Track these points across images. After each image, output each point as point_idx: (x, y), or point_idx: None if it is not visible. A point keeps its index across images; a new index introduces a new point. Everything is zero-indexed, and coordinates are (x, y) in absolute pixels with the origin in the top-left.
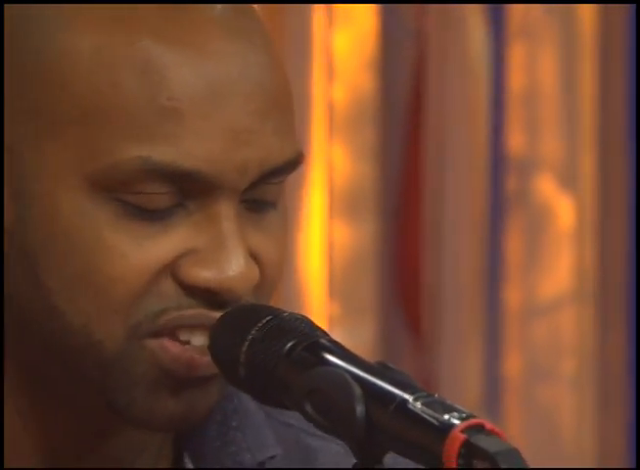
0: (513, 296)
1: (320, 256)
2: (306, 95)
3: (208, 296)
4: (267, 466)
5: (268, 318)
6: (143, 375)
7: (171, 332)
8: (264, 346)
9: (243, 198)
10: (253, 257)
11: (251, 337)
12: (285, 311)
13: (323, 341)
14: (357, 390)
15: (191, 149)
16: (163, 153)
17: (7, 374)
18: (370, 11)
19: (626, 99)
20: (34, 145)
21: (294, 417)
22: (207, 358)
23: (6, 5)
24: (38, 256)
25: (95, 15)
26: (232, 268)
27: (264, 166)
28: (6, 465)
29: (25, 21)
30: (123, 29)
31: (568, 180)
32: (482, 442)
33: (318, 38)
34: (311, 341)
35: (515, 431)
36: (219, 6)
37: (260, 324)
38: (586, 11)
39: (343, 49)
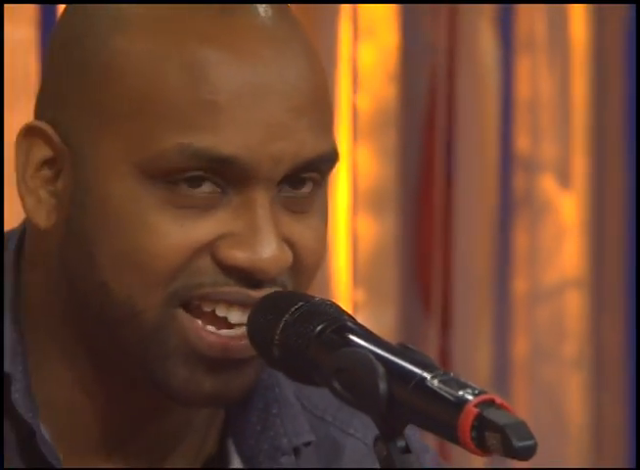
0: (519, 284)
1: (346, 247)
2: (334, 103)
3: (243, 275)
4: (302, 452)
5: (300, 304)
6: (176, 348)
7: (208, 303)
8: (297, 328)
9: (281, 188)
10: (289, 243)
11: (284, 320)
12: (315, 297)
13: (350, 324)
14: (380, 368)
15: (229, 137)
16: (203, 140)
17: (67, 346)
18: (392, 27)
19: (620, 105)
20: (91, 138)
21: (327, 413)
22: (242, 342)
23: (69, 7)
24: (93, 237)
25: (148, 19)
26: (265, 251)
27: (298, 159)
28: (66, 434)
29: (86, 23)
30: (172, 33)
31: (567, 180)
32: (493, 415)
33: (345, 52)
34: (339, 324)
35: (521, 406)
36: (262, 13)
37: (293, 309)
38: (581, 27)
39: (367, 61)
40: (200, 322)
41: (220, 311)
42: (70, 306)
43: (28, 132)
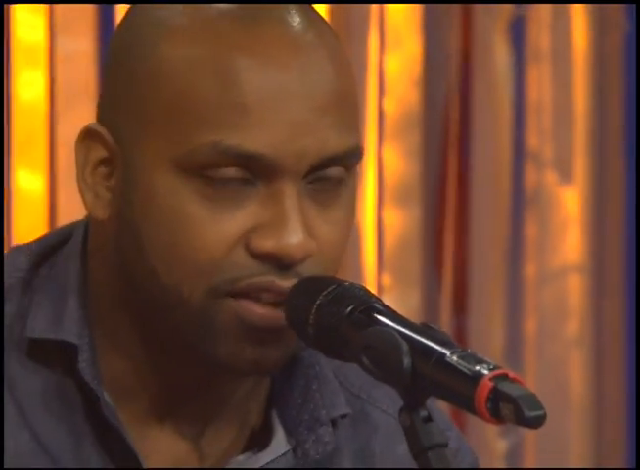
0: (528, 269)
1: (373, 237)
2: (361, 107)
3: (273, 261)
4: (338, 424)
5: (332, 287)
6: (223, 328)
7: (247, 293)
8: (329, 309)
9: (308, 182)
10: (313, 235)
11: (318, 302)
12: (346, 281)
13: (377, 305)
14: (405, 345)
15: (255, 135)
16: (233, 137)
17: (123, 324)
18: (415, 38)
19: (617, 108)
20: (137, 138)
21: (362, 390)
22: (278, 312)
23: (123, 19)
24: (141, 228)
25: (188, 28)
26: (292, 238)
27: (321, 154)
28: (125, 400)
29: (135, 33)
30: (208, 42)
31: (570, 176)
32: (507, 387)
33: (373, 60)
34: (367, 305)
35: (530, 379)
36: (291, 22)
37: (326, 292)
38: (583, 39)
39: (393, 69)
40: (244, 301)
41: (254, 295)
42: (125, 290)
43: (87, 135)
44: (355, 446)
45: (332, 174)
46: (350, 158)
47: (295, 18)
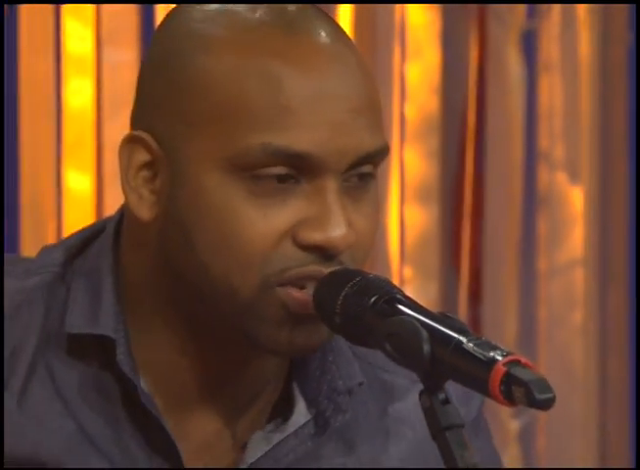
0: (539, 262)
1: (396, 232)
2: (385, 112)
3: (319, 252)
4: (355, 392)
5: (358, 279)
6: (270, 316)
7: (294, 282)
8: (355, 300)
9: (344, 179)
10: (350, 226)
11: (344, 293)
12: (370, 274)
13: (399, 296)
14: (424, 333)
15: (301, 136)
16: (281, 139)
17: (167, 316)
18: (434, 49)
19: (620, 114)
20: (184, 140)
21: (373, 357)
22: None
23: (157, 32)
24: (189, 224)
25: (226, 40)
26: (335, 231)
27: (359, 152)
28: (163, 387)
29: (173, 45)
30: (248, 51)
31: (578, 176)
32: (519, 372)
33: (395, 69)
34: (390, 296)
35: (541, 364)
36: (321, 32)
37: (352, 283)
38: (589, 51)
39: (414, 78)
40: (288, 288)
41: (300, 283)
42: (171, 284)
43: (130, 140)
44: (371, 409)
45: (364, 171)
46: (380, 155)
47: (324, 27)
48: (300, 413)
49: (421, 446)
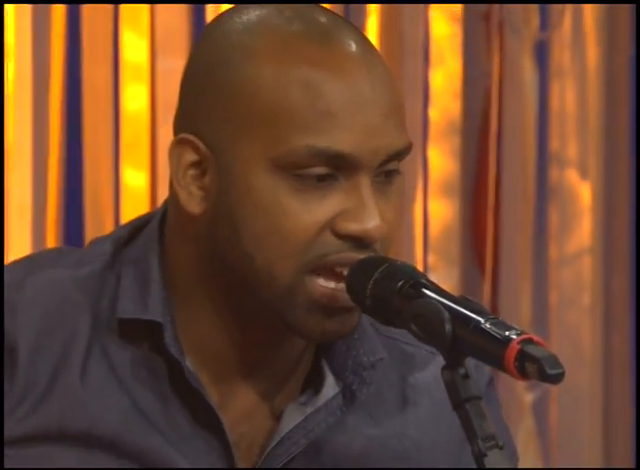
0: (551, 251)
1: (421, 224)
2: (411, 115)
3: (355, 241)
4: (377, 366)
5: (386, 265)
6: (302, 302)
7: (331, 269)
8: (383, 284)
9: (375, 175)
10: (381, 217)
11: (374, 278)
12: (398, 260)
13: (423, 281)
14: (446, 314)
15: (340, 138)
16: (322, 141)
17: (213, 301)
18: (456, 57)
19: (625, 117)
20: (232, 141)
21: (395, 333)
22: (346, 295)
23: (199, 42)
24: (238, 218)
25: (268, 50)
26: (370, 222)
27: (389, 150)
28: (207, 365)
29: (217, 54)
30: (289, 60)
31: (586, 173)
32: (532, 350)
33: (420, 76)
34: (415, 281)
35: (552, 343)
36: (352, 42)
37: (381, 269)
38: (596, 59)
39: (437, 84)
40: (320, 280)
41: (338, 269)
42: (217, 273)
43: (179, 142)
44: (392, 379)
45: (391, 168)
46: (406, 153)
47: (353, 37)
48: (330, 387)
49: (437, 414)
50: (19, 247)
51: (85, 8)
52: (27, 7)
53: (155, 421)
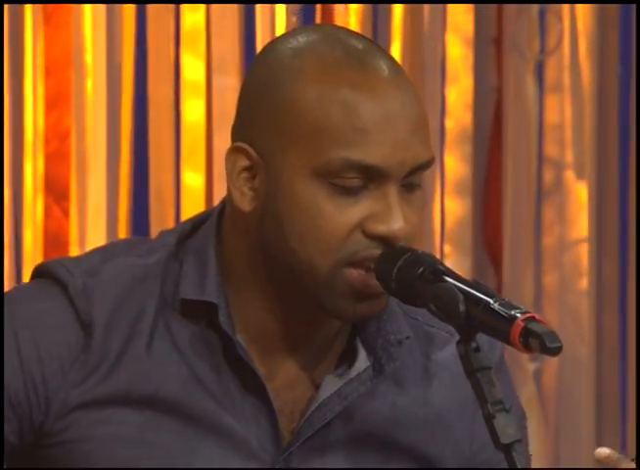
0: (550, 240)
1: (439, 218)
2: (429, 125)
3: (382, 240)
4: (404, 343)
5: (409, 254)
6: (340, 289)
7: (361, 263)
8: (406, 270)
9: (401, 184)
10: (407, 222)
11: (399, 265)
12: (419, 250)
13: (441, 267)
14: (460, 296)
15: (372, 152)
16: (356, 154)
17: (262, 287)
18: (468, 75)
19: (615, 126)
20: (281, 151)
21: (419, 315)
22: (375, 282)
23: (255, 63)
24: (283, 217)
25: (313, 73)
26: (396, 225)
27: (414, 164)
28: (256, 341)
29: (270, 75)
30: (331, 82)
31: (582, 174)
32: (534, 327)
33: (437, 91)
34: (434, 267)
35: (552, 320)
36: (385, 67)
37: (404, 257)
38: (590, 76)
39: (452, 98)
40: (354, 270)
41: (368, 263)
42: (265, 262)
43: (234, 150)
44: (417, 356)
45: (414, 182)
46: (428, 165)
47: (386, 62)
48: (362, 361)
49: (455, 387)
50: (95, 239)
51: (151, 34)
52: (103, 33)
53: (210, 388)
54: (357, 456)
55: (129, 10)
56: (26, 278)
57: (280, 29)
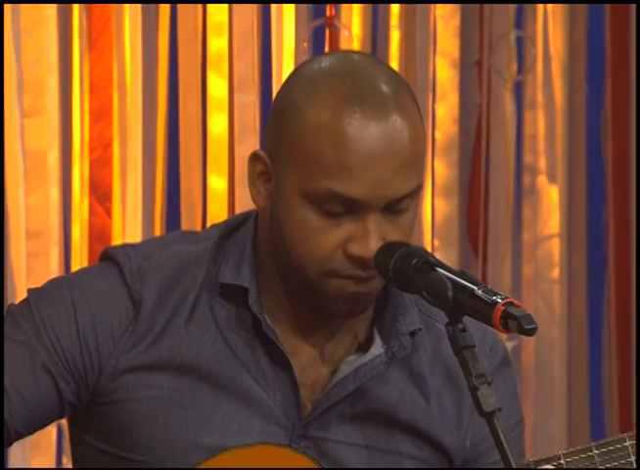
0: (527, 235)
1: (429, 216)
2: None
3: (359, 262)
4: (417, 334)
5: (404, 248)
6: (329, 294)
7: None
8: (402, 261)
9: (385, 209)
10: (385, 239)
11: (395, 257)
12: (412, 244)
13: (432, 259)
14: (449, 284)
15: (354, 187)
16: (340, 188)
17: (275, 277)
18: (455, 92)
19: (583, 137)
20: (284, 167)
21: (432, 313)
22: (362, 288)
23: (285, 85)
24: (282, 224)
25: (319, 105)
26: (372, 247)
27: (394, 197)
28: (280, 322)
29: (289, 101)
30: (331, 118)
31: (554, 178)
32: (513, 310)
33: (429, 107)
34: (426, 259)
35: (528, 305)
36: (387, 108)
37: (400, 250)
38: (562, 96)
39: (441, 112)
40: (340, 279)
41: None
42: (276, 255)
43: (253, 157)
44: (428, 346)
45: (401, 205)
46: (413, 193)
47: (390, 100)
48: (377, 347)
49: (458, 378)
50: (133, 234)
51: (181, 57)
52: (139, 57)
53: (243, 360)
54: (367, 429)
55: (163, 35)
56: (75, 269)
57: (291, 54)
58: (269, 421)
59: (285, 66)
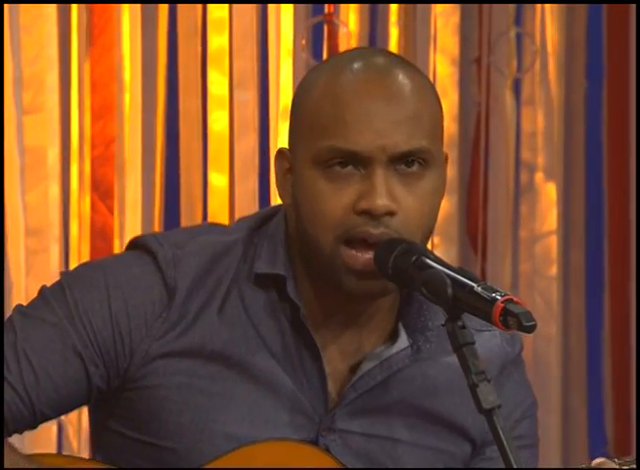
0: (525, 233)
1: None
2: None
3: (368, 215)
4: (440, 329)
5: (404, 244)
6: (340, 266)
7: (356, 240)
8: (401, 258)
9: (397, 166)
10: (395, 200)
11: (395, 253)
12: (411, 241)
13: (431, 256)
14: (448, 281)
15: (353, 140)
16: (340, 142)
17: (307, 266)
18: (455, 90)
19: (580, 134)
20: (295, 146)
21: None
22: (370, 259)
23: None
24: (299, 204)
25: (325, 79)
26: (377, 199)
27: (396, 149)
28: (310, 307)
29: (300, 89)
30: (334, 84)
31: (552, 175)
32: (512, 307)
33: None
34: (425, 256)
35: (526, 302)
36: (395, 77)
37: (399, 247)
38: (560, 92)
39: None
40: (352, 251)
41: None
42: (301, 248)
43: (279, 154)
44: (449, 346)
45: (414, 162)
46: (417, 154)
47: (402, 72)
48: (402, 341)
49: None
50: (133, 231)
51: (181, 55)
52: (139, 54)
53: (273, 350)
54: (392, 420)
55: (162, 33)
56: (73, 266)
57: (289, 51)
58: (297, 413)
59: (283, 63)
